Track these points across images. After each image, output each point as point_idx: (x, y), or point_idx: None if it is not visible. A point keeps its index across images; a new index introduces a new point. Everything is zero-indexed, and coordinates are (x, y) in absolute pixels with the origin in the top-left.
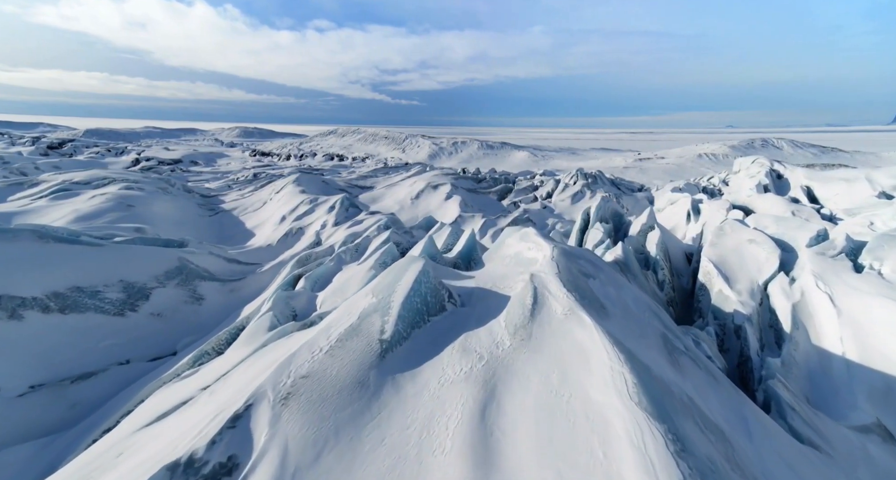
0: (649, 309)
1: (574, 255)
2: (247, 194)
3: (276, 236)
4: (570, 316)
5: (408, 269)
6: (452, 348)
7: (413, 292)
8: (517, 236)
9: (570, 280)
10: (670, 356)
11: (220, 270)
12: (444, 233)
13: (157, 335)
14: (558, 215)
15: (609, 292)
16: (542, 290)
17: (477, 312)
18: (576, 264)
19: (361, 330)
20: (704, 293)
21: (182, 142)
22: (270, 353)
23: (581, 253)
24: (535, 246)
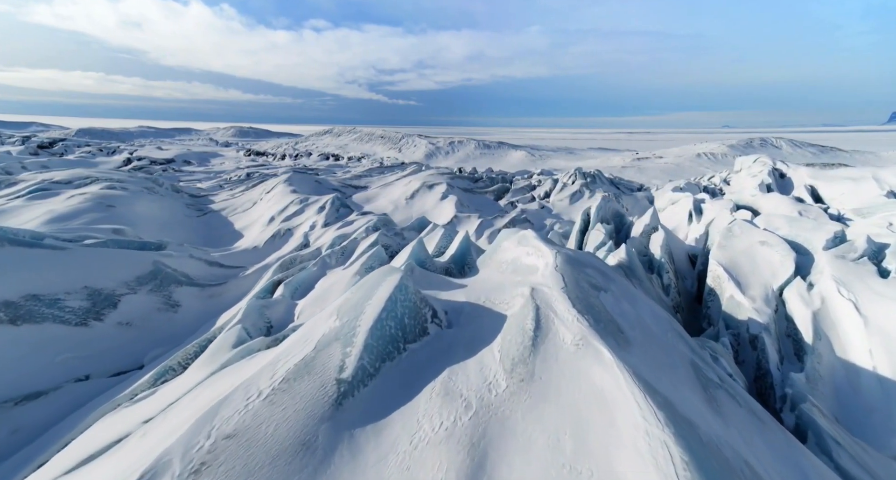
0: (671, 328)
1: (580, 262)
2: (237, 193)
3: (264, 237)
4: (584, 348)
5: (381, 284)
6: (432, 389)
7: (386, 313)
8: (515, 239)
9: (579, 297)
10: (706, 393)
11: (201, 274)
12: (436, 235)
13: (124, 346)
14: (556, 215)
15: (624, 309)
16: (545, 310)
17: (466, 335)
18: (583, 274)
19: (315, 366)
20: (714, 299)
21: (176, 142)
22: (222, 381)
23: (587, 259)
24: (534, 251)
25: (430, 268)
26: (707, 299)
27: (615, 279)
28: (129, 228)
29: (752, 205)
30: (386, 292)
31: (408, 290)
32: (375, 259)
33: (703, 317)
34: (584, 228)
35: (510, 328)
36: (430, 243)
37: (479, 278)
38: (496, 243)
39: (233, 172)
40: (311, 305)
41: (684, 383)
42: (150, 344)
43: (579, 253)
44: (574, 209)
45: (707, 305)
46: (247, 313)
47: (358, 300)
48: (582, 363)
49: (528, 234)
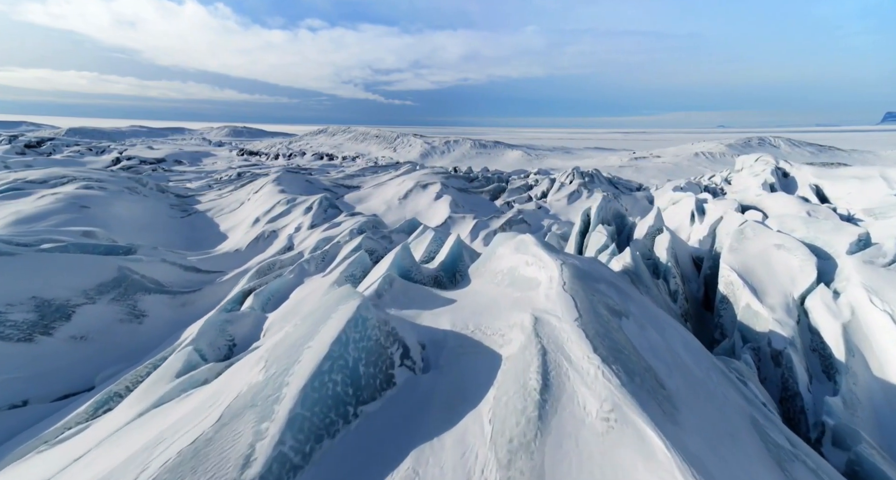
0: (711, 364)
1: (591, 276)
2: (225, 194)
3: (247, 239)
4: (619, 427)
5: (331, 316)
6: None
7: (330, 363)
8: (511, 244)
9: (599, 332)
10: (783, 473)
11: (174, 280)
12: (425, 239)
13: (74, 364)
14: (554, 216)
15: (654, 342)
16: (555, 356)
17: (446, 386)
18: (598, 294)
19: (210, 456)
20: (726, 307)
21: (169, 141)
22: (129, 438)
23: (598, 271)
24: (535, 261)
25: (415, 277)
26: (719, 307)
27: (632, 296)
28: (102, 230)
29: (757, 205)
30: (334, 330)
31: (367, 324)
32: (357, 266)
33: (714, 326)
34: (583, 229)
35: (507, 380)
36: (419, 248)
37: (471, 290)
38: (491, 248)
39: (224, 172)
40: (282, 319)
41: (753, 458)
42: (108, 361)
43: (586, 262)
44: (572, 209)
45: (719, 313)
46: (203, 331)
47: (296, 340)
48: (618, 455)
49: (526, 240)
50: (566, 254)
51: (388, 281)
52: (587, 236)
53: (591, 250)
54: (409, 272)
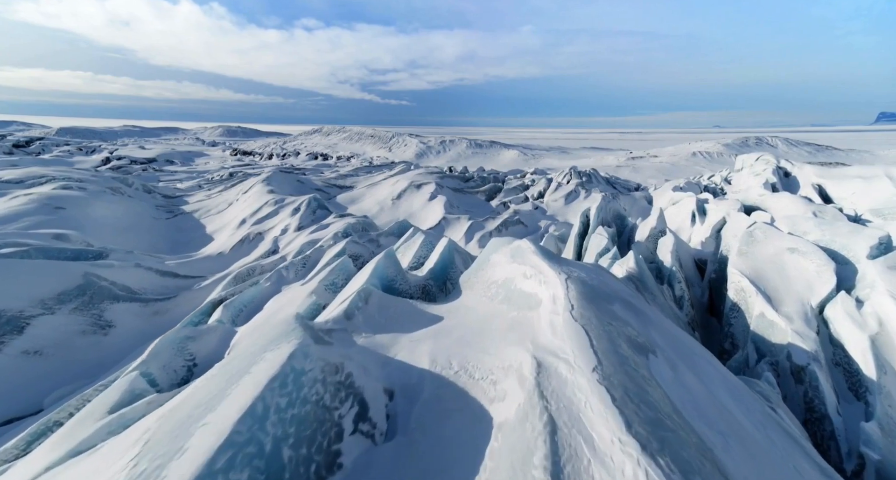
0: (762, 413)
1: (601, 293)
2: (214, 194)
3: (232, 242)
4: None
5: (250, 370)
6: None
7: (229, 455)
8: (507, 251)
9: (627, 388)
10: None
11: (148, 286)
12: (415, 242)
13: (25, 384)
14: (551, 217)
15: (694, 390)
16: (571, 439)
17: (413, 470)
18: (614, 322)
19: None
20: (737, 316)
21: (162, 141)
22: None
23: (608, 285)
24: (534, 273)
25: (400, 288)
26: (729, 315)
27: (650, 316)
28: (76, 232)
29: (760, 205)
30: (245, 396)
31: (303, 381)
32: (339, 273)
33: (724, 336)
34: (582, 231)
35: (499, 468)
36: (408, 253)
37: (461, 305)
38: (484, 255)
39: (216, 172)
40: (251, 333)
41: None
42: (64, 379)
43: (592, 272)
44: (569, 210)
45: (729, 322)
46: (156, 351)
47: (190, 413)
48: None
49: (523, 246)
50: (568, 262)
51: (364, 296)
52: (586, 239)
53: (592, 254)
54: (393, 282)
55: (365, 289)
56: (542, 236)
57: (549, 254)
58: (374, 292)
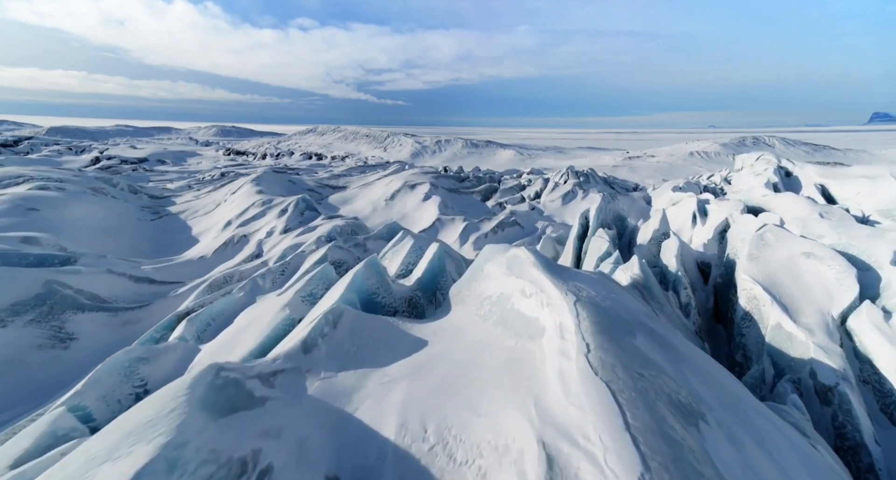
0: None
1: (621, 322)
2: (202, 195)
3: (215, 245)
4: None
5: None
6: None
7: None
8: (502, 261)
9: None
10: None
11: (120, 293)
12: (403, 248)
13: None
14: (548, 217)
15: (763, 475)
16: None
17: None
18: (646, 369)
19: None
20: (750, 326)
21: (154, 140)
22: None
23: (623, 305)
24: (535, 291)
25: (383, 301)
26: (740, 324)
27: (680, 349)
28: (49, 235)
29: (764, 206)
30: None
31: None
32: (319, 282)
33: (735, 347)
34: (581, 233)
35: None
36: (396, 258)
37: (448, 325)
38: (477, 264)
39: (208, 172)
40: (216, 352)
41: None
42: (12, 400)
43: (601, 288)
44: (567, 211)
45: (741, 332)
46: (95, 378)
47: None
48: None
49: (521, 256)
50: (573, 274)
51: (332, 319)
52: (586, 241)
53: (592, 258)
54: (375, 296)
55: (334, 309)
56: (540, 237)
57: (551, 265)
58: (346, 311)
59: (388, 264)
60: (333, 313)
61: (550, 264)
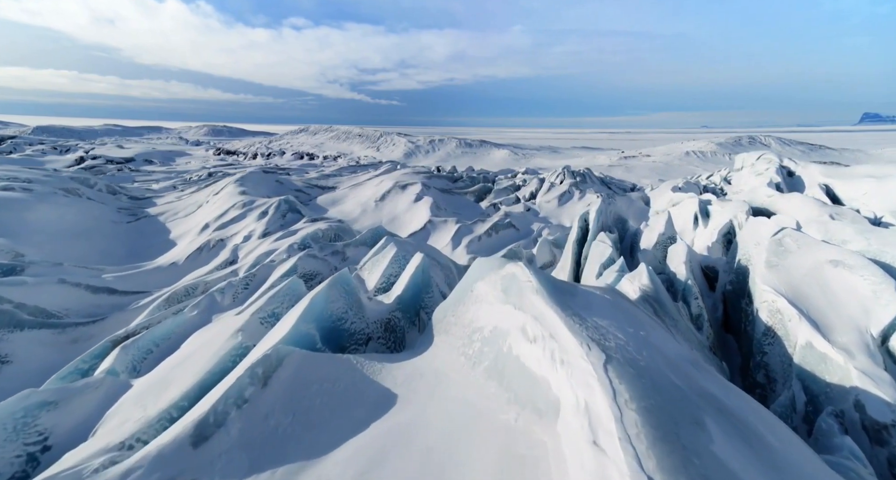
0: None
1: (681, 399)
2: (185, 195)
3: (189, 250)
4: None
5: None
6: None
7: None
8: (496, 281)
9: None
10: None
11: (73, 306)
12: (385, 257)
13: None
14: (544, 219)
15: None
16: None
17: None
18: None
19: None
20: (773, 343)
21: (144, 140)
22: None
23: (684, 377)
24: (543, 336)
25: (353, 327)
26: (761, 341)
27: (776, 447)
28: (6, 240)
29: (770, 207)
30: None
31: None
32: (284, 300)
33: (756, 366)
34: (581, 237)
35: None
36: (376, 269)
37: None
38: (466, 282)
39: (196, 172)
40: (146, 391)
41: None
42: None
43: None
44: (563, 212)
45: (762, 349)
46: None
47: None
48: None
49: (519, 276)
50: (585, 300)
51: (263, 372)
52: (586, 246)
53: (594, 265)
54: (342, 321)
55: (269, 357)
56: (535, 240)
57: (556, 289)
58: (289, 357)
59: (368, 275)
60: (266, 363)
61: (556, 286)
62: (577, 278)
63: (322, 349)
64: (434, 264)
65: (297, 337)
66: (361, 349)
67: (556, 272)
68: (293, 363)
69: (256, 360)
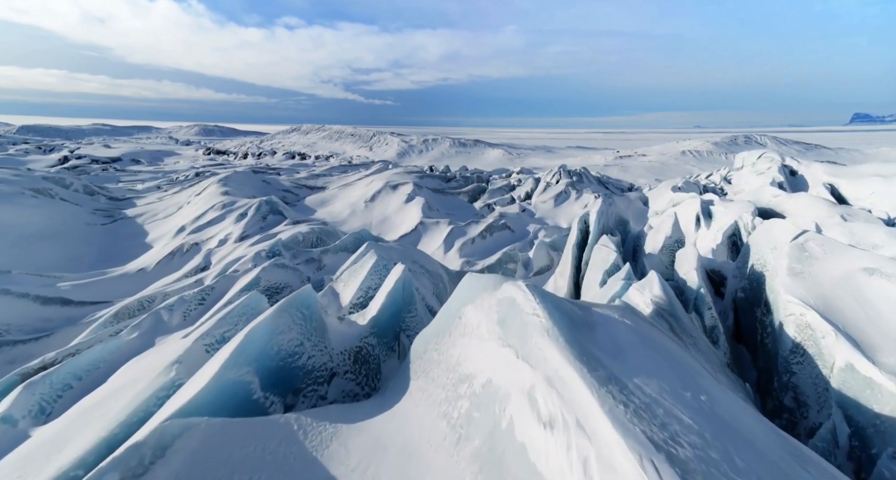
0: None
1: None
2: (167, 196)
3: (160, 255)
4: None
5: None
6: None
7: None
8: (491, 307)
9: None
10: None
11: (17, 320)
12: (363, 267)
13: None
14: (540, 220)
15: None
16: None
17: None
18: None
19: None
20: (804, 363)
21: (133, 140)
22: None
23: None
24: (562, 415)
25: (310, 363)
26: (789, 359)
27: None
28: None
29: (776, 207)
30: None
31: None
32: (239, 319)
33: (783, 388)
34: (581, 240)
35: None
36: (353, 281)
37: (391, 442)
38: (453, 306)
39: (184, 172)
40: (39, 449)
41: None
42: None
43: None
44: (560, 212)
45: (789, 369)
46: None
47: None
48: None
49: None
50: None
51: (136, 466)
52: (587, 250)
53: (597, 271)
54: (295, 357)
55: (138, 448)
56: (532, 242)
57: (574, 324)
58: (187, 433)
59: (344, 288)
60: (137, 455)
61: (571, 320)
62: (577, 285)
63: (262, 400)
64: (421, 273)
65: (222, 390)
66: (322, 389)
67: (555, 278)
68: (192, 442)
69: (120, 453)
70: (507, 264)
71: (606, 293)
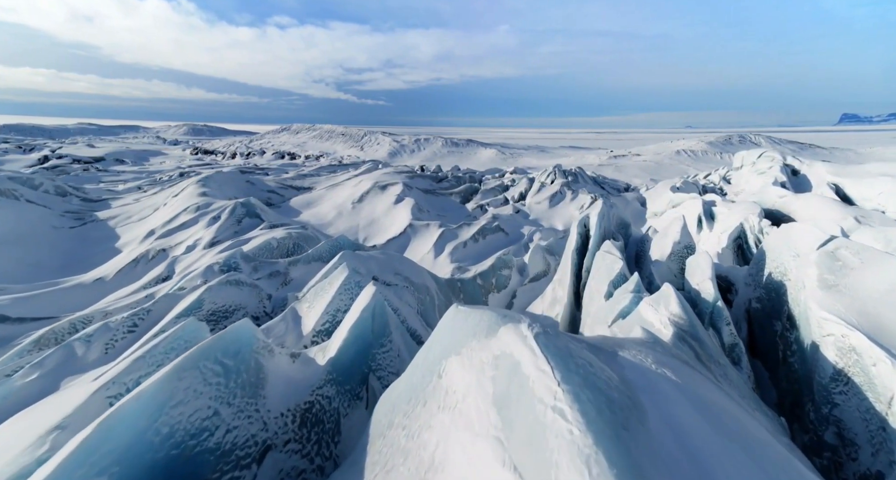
0: None
1: None
2: (145, 197)
3: (123, 263)
4: None
5: None
6: None
7: None
8: (484, 372)
9: None
10: None
11: None
12: (331, 285)
13: None
14: (534, 221)
15: None
16: None
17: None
18: None
19: None
20: (849, 394)
21: (119, 139)
22: None
23: None
24: None
25: (221, 446)
26: (829, 388)
27: None
28: None
29: (783, 209)
30: None
31: None
32: (165, 358)
33: (822, 421)
34: (581, 245)
35: None
36: (319, 302)
37: None
38: (432, 357)
39: (169, 172)
40: None
41: None
42: None
43: None
44: (555, 213)
45: (831, 399)
46: None
47: None
48: None
49: (529, 373)
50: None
51: None
52: (588, 256)
53: (601, 282)
54: (200, 436)
55: None
56: (526, 246)
57: (622, 439)
58: None
59: (308, 310)
60: None
61: (615, 420)
62: (577, 295)
63: None
64: (403, 288)
65: None
66: (247, 474)
67: (554, 287)
68: None
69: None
70: (501, 271)
71: (613, 308)
